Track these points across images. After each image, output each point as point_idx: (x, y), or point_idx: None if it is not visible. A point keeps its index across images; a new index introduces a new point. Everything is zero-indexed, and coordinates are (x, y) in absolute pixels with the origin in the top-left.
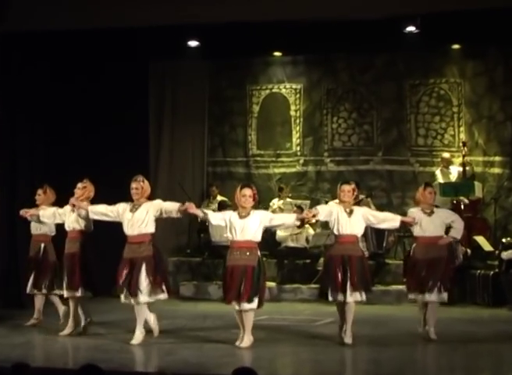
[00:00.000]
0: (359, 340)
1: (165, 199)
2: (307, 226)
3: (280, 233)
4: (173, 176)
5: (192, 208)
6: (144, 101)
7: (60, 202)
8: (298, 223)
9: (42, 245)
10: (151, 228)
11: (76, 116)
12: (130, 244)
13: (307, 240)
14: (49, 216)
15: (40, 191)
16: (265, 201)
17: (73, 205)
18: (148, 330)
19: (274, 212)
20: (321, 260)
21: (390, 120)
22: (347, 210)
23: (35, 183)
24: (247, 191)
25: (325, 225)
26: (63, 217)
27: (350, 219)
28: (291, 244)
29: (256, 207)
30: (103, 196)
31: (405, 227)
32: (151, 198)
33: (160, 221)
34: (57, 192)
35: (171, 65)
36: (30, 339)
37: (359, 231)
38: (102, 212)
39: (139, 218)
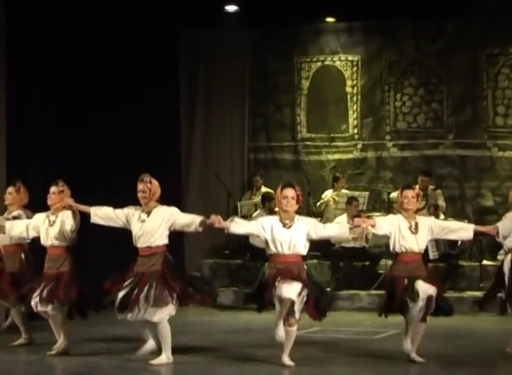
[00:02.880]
0: (428, 356)
1: (199, 192)
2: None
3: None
4: (208, 165)
5: (218, 222)
6: (174, 76)
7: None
8: (353, 236)
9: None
10: (163, 240)
11: (95, 94)
12: (141, 257)
13: (366, 238)
14: (19, 232)
15: (11, 189)
16: (317, 192)
17: (70, 207)
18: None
19: (327, 205)
20: (383, 262)
21: (463, 97)
22: (412, 223)
23: (47, 173)
24: (290, 192)
25: None
26: (36, 229)
27: (416, 235)
28: (347, 243)
29: (303, 204)
30: (124, 191)
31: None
32: (174, 196)
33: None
34: (71, 182)
35: (205, 34)
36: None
37: (423, 247)
38: (109, 215)
39: (149, 230)
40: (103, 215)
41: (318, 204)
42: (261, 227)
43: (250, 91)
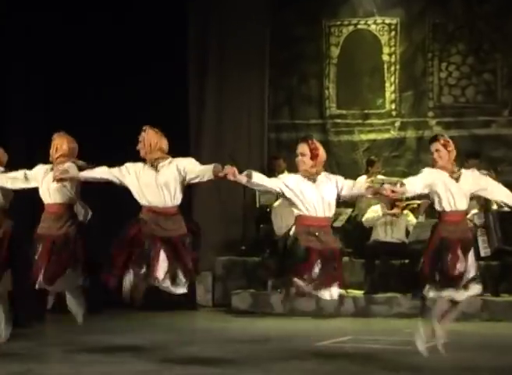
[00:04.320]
0: (478, 371)
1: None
2: (405, 212)
3: (368, 216)
4: (222, 146)
5: (232, 174)
6: (182, 43)
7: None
8: (369, 195)
9: None
10: (178, 198)
11: (92, 65)
12: (156, 216)
13: (406, 232)
14: (17, 180)
15: None
16: (348, 178)
17: (61, 180)
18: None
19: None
20: None
21: None
22: (454, 176)
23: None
24: (301, 148)
25: (432, 213)
26: (36, 181)
27: (460, 186)
28: (384, 237)
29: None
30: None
31: None
32: None
33: (202, 207)
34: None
35: None
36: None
37: (468, 202)
38: (103, 177)
39: (164, 182)
40: (94, 177)
41: None
42: (283, 184)
43: (271, 60)
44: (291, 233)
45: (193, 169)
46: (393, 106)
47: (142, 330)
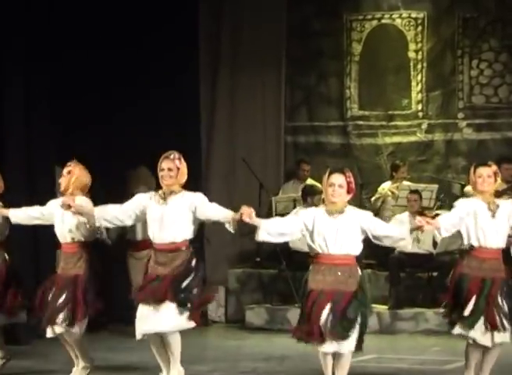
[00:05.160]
0: None
1: (223, 184)
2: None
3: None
4: (235, 150)
5: (248, 215)
6: (192, 38)
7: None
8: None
9: None
10: (188, 233)
11: (101, 63)
12: (160, 253)
13: (434, 242)
14: (30, 218)
15: None
16: (371, 185)
17: (69, 207)
18: None
19: (384, 200)
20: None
21: None
22: (491, 207)
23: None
24: (338, 179)
25: None
26: (50, 217)
27: (495, 221)
28: (410, 248)
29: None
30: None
31: None
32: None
33: None
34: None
35: None
36: None
37: (504, 239)
38: (117, 216)
39: (172, 217)
40: (109, 216)
41: (373, 199)
42: (303, 223)
43: (288, 57)
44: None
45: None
46: (420, 107)
47: (147, 348)
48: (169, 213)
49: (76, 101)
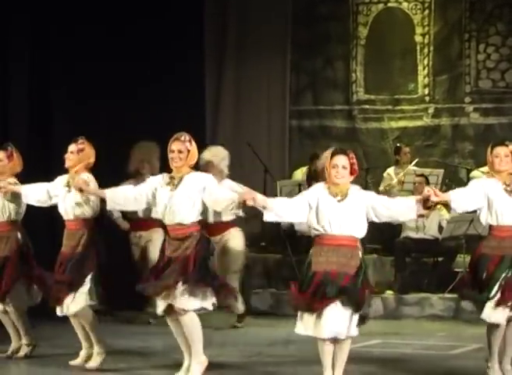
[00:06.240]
0: None
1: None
2: (438, 206)
3: None
4: (240, 134)
5: (251, 198)
6: (198, 23)
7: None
8: (423, 212)
9: None
10: (197, 214)
11: (97, 46)
12: (170, 238)
13: (439, 227)
14: (38, 198)
15: (1, 155)
16: (377, 169)
17: (80, 190)
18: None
19: (390, 188)
20: (460, 258)
21: None
22: (508, 186)
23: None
24: (341, 160)
25: None
26: (54, 197)
27: None
28: (415, 233)
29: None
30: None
31: None
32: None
33: None
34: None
35: None
36: None
37: None
38: (130, 198)
39: (182, 199)
40: (122, 199)
41: (382, 188)
42: (308, 203)
43: (293, 41)
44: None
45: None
46: (426, 91)
47: (153, 332)
48: (179, 196)
49: (79, 92)
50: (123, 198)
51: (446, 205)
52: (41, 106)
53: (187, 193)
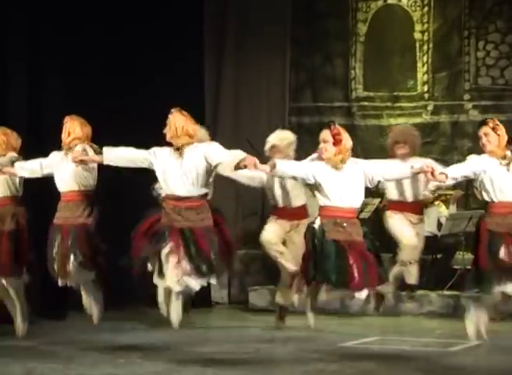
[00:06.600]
0: None
1: None
2: (437, 202)
3: None
4: (239, 130)
5: (253, 164)
6: (197, 20)
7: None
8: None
9: None
10: (206, 186)
11: (96, 46)
12: (180, 208)
13: (438, 224)
14: (32, 167)
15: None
16: None
17: (81, 162)
18: None
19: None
20: (459, 255)
21: None
22: (503, 162)
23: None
24: (324, 134)
25: (465, 204)
26: (50, 168)
27: (510, 175)
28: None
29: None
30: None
31: None
32: None
33: (218, 196)
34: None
35: None
36: None
37: None
38: (127, 156)
39: (190, 169)
40: (118, 156)
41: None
42: (310, 171)
43: (292, 38)
44: (315, 225)
45: (217, 156)
46: (426, 88)
47: (152, 328)
48: (187, 166)
49: (78, 92)
50: (121, 156)
51: (445, 201)
52: (41, 106)
53: (195, 162)
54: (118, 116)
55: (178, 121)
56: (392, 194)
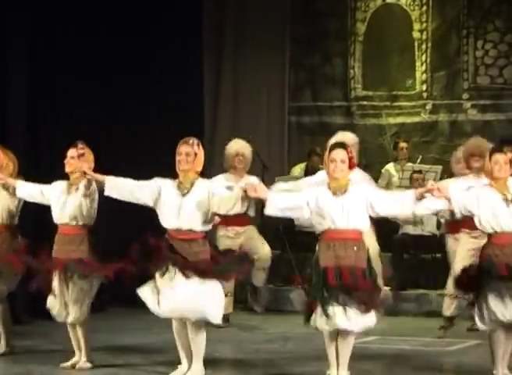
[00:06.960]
0: None
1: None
2: None
3: None
4: (239, 130)
5: (253, 190)
6: (197, 20)
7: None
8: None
9: None
10: (207, 223)
11: (96, 46)
12: (177, 241)
13: (438, 224)
14: (32, 194)
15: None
16: (375, 165)
17: (85, 174)
18: None
19: (388, 183)
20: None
21: None
22: (506, 194)
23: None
24: (339, 154)
25: None
26: (48, 196)
27: (510, 209)
28: (413, 230)
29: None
30: (133, 164)
31: None
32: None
33: None
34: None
35: None
36: None
37: None
38: (130, 189)
39: (191, 206)
40: (121, 188)
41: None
42: (306, 203)
43: (292, 37)
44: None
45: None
46: (424, 87)
47: (152, 329)
48: (189, 203)
49: (78, 92)
50: (124, 188)
51: None
52: (41, 106)
53: (198, 200)
54: (118, 116)
55: (202, 157)
56: None
